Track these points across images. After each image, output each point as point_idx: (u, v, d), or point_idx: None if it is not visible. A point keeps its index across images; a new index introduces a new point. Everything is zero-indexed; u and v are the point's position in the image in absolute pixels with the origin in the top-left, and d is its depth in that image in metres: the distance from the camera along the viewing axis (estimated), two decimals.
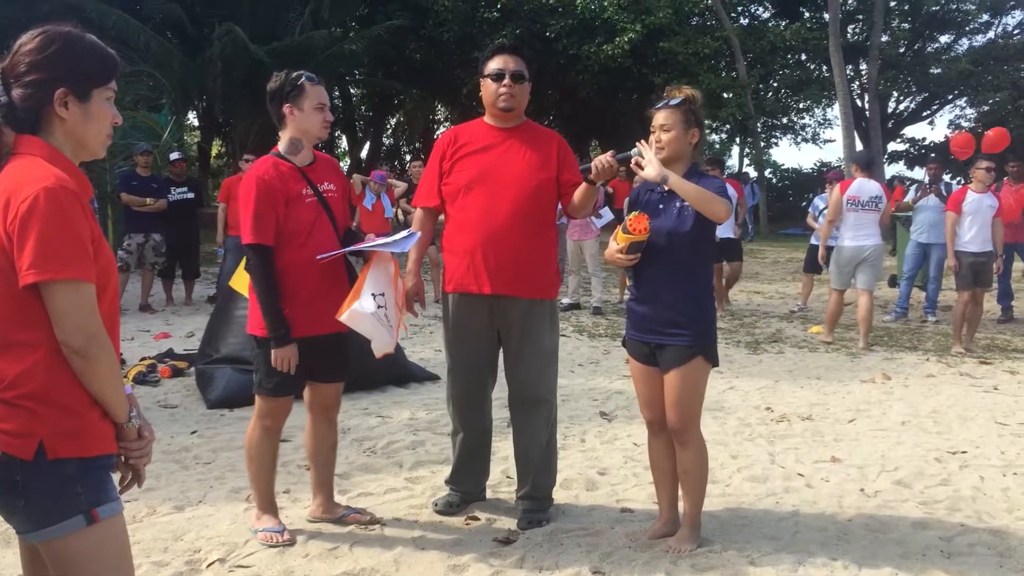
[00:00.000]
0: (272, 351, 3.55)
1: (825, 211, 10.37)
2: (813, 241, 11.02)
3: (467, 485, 4.16)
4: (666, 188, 3.53)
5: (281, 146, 3.71)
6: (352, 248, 3.68)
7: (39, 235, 1.79)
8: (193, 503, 4.18)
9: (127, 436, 1.96)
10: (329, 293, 3.61)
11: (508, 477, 4.58)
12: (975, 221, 8.48)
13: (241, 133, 20.30)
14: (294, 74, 3.66)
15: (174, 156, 11.31)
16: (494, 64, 3.83)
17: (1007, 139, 9.74)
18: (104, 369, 1.87)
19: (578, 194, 3.83)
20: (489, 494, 4.30)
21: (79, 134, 1.96)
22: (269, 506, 3.82)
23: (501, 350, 4.00)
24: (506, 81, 3.80)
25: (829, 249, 8.94)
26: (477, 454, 4.13)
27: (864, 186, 8.46)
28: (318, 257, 3.57)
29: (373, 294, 3.51)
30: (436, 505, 4.11)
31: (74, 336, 1.83)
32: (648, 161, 3.48)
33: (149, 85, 17.04)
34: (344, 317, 3.48)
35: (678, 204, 3.53)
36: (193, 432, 5.43)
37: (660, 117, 3.57)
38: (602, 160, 3.63)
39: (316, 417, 3.89)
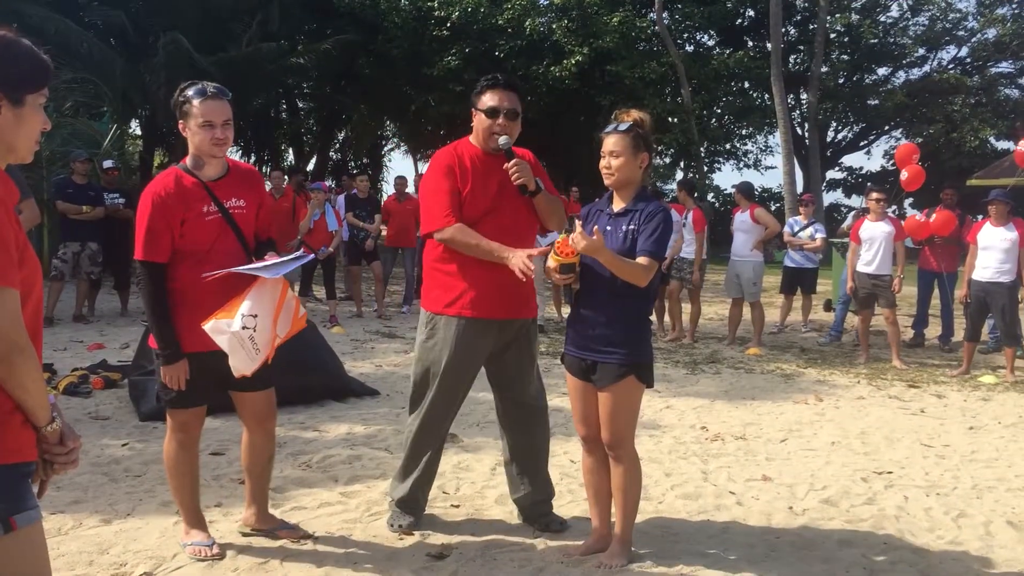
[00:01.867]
0: (160, 368, 3.52)
1: (800, 232, 10.85)
2: (787, 263, 11.36)
3: (420, 509, 4.18)
4: (614, 210, 3.62)
5: (188, 160, 3.65)
6: (236, 269, 3.49)
7: None
8: (121, 516, 4.10)
9: (49, 439, 1.93)
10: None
11: (444, 492, 4.58)
12: (871, 246, 9.22)
13: (184, 144, 19.99)
14: (187, 89, 3.56)
15: (107, 164, 11.15)
16: (489, 100, 3.85)
17: (922, 178, 10.28)
18: (27, 374, 1.85)
19: (539, 211, 3.98)
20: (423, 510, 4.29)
21: (10, 139, 1.93)
22: (196, 520, 3.76)
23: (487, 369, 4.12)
24: (500, 120, 3.84)
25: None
26: (432, 475, 4.18)
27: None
28: (203, 276, 3.45)
29: (244, 314, 3.37)
30: (401, 527, 4.02)
31: None
32: (577, 236, 3.43)
33: (90, 92, 16.75)
34: (207, 327, 3.37)
35: (624, 227, 3.58)
36: (124, 444, 5.34)
37: (609, 143, 3.60)
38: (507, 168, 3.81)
39: (251, 429, 3.82)
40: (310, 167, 31.17)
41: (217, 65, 17.62)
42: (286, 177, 11.42)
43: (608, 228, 3.63)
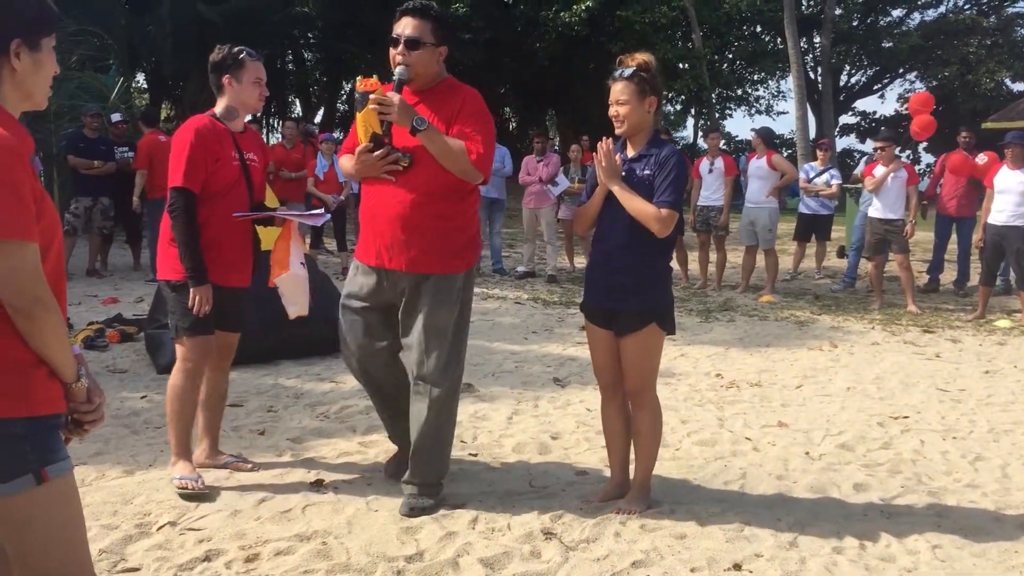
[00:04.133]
0: (191, 290, 3.77)
1: (816, 179, 10.76)
2: (802, 209, 11.27)
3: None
4: (628, 155, 3.59)
5: (218, 110, 3.99)
6: (269, 214, 4.00)
7: None
8: (143, 467, 4.15)
9: (76, 396, 1.94)
10: (235, 251, 3.92)
11: (462, 441, 4.61)
12: (883, 191, 9.19)
13: (191, 95, 19.91)
14: (235, 49, 3.96)
15: (116, 118, 11.07)
16: (395, 28, 3.59)
17: (932, 128, 10.19)
18: (50, 329, 1.84)
19: (431, 154, 3.53)
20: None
21: (28, 85, 1.91)
22: (185, 452, 3.93)
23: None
24: (401, 48, 3.56)
25: None
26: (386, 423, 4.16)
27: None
28: (234, 215, 3.85)
29: (301, 262, 3.82)
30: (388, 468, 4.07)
31: (18, 297, 1.80)
32: (600, 168, 3.55)
33: (96, 45, 16.59)
34: (280, 279, 3.80)
35: (639, 172, 3.55)
36: (143, 396, 5.38)
37: (615, 90, 3.57)
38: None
39: (211, 365, 4.06)
40: (318, 118, 30.99)
41: (222, 16, 17.45)
42: (297, 127, 11.38)
43: (623, 173, 3.60)
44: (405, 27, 3.57)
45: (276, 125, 31.28)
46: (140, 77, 23.58)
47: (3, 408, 1.80)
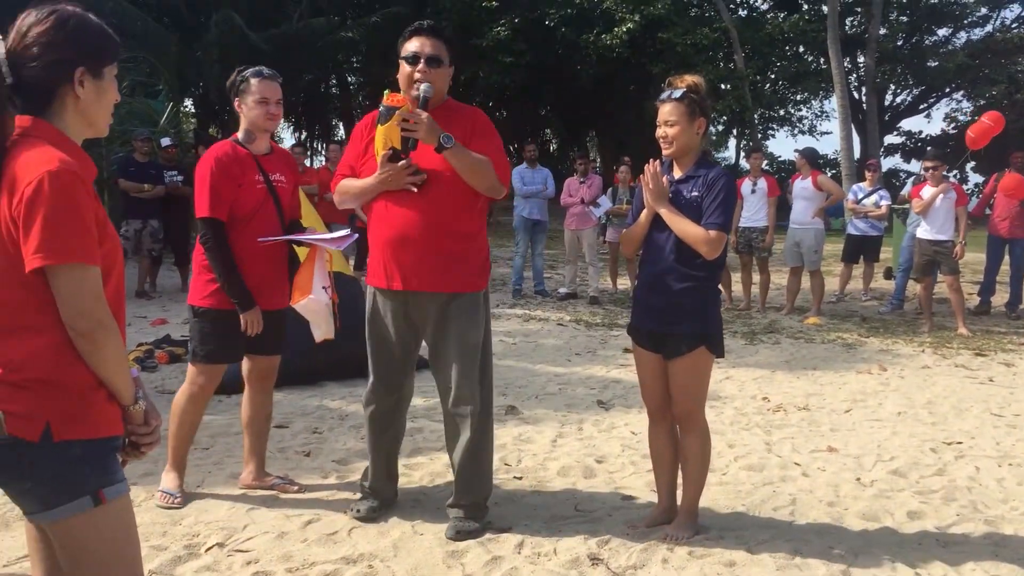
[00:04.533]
0: (241, 316, 3.83)
1: (864, 200, 10.67)
2: (851, 231, 11.18)
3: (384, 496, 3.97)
4: (675, 177, 3.57)
5: (240, 134, 4.02)
6: (292, 237, 3.97)
7: (44, 219, 1.78)
8: (191, 488, 4.18)
9: (134, 419, 1.97)
10: (269, 273, 3.93)
11: (506, 464, 4.60)
12: (932, 212, 9.05)
13: (237, 120, 20.24)
14: (245, 71, 3.94)
15: (165, 142, 11.29)
16: (410, 46, 3.57)
17: (989, 138, 10.06)
18: (110, 352, 1.87)
19: (458, 171, 3.50)
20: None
21: (91, 113, 1.96)
22: (176, 465, 4.04)
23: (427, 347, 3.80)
24: (421, 66, 3.54)
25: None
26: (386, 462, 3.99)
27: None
28: (259, 240, 3.85)
29: (324, 287, 3.80)
30: (358, 512, 3.83)
31: (80, 319, 1.84)
32: (647, 190, 3.55)
33: (146, 71, 16.98)
34: (299, 305, 3.78)
35: (687, 194, 3.54)
36: None
37: (664, 111, 3.54)
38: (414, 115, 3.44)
39: (252, 387, 4.15)
40: None
41: (269, 41, 17.74)
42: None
43: (671, 195, 3.58)
44: (424, 46, 3.56)
45: (321, 148, 31.68)
46: (188, 102, 24.04)
47: (64, 430, 1.83)
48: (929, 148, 18.25)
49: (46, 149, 1.85)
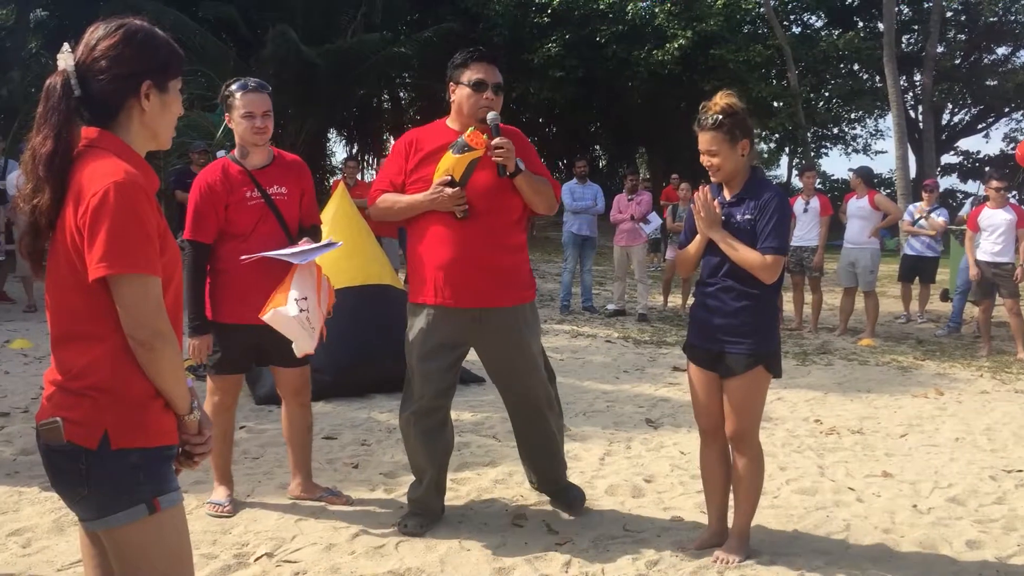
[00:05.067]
0: (188, 338, 3.77)
1: (921, 220, 10.50)
2: (907, 251, 11.06)
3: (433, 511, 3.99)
4: (726, 199, 3.53)
5: (236, 150, 4.01)
6: (270, 254, 3.77)
7: (109, 230, 1.81)
8: (241, 497, 4.22)
9: (188, 429, 1.98)
10: (268, 287, 3.77)
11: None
12: (992, 234, 8.87)
13: (292, 134, 20.54)
14: (231, 84, 3.94)
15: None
16: (475, 74, 3.68)
17: None
18: (168, 362, 1.89)
19: (522, 193, 3.71)
20: (536, 497, 4.29)
21: (155, 126, 1.99)
22: (222, 479, 4.10)
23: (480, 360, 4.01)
24: (488, 94, 3.67)
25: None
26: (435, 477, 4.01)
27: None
28: (241, 258, 3.77)
29: (296, 299, 3.65)
30: (405, 528, 3.83)
31: (140, 329, 1.86)
32: (698, 218, 3.53)
33: (204, 85, 17.29)
34: (267, 317, 3.67)
35: (739, 216, 3.49)
36: (241, 427, 5.49)
37: (703, 141, 3.47)
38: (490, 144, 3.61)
39: (287, 401, 4.16)
40: None
41: (323, 56, 17.98)
42: None
43: (723, 217, 3.53)
44: (490, 74, 3.70)
45: (372, 163, 32.00)
46: None
47: (121, 439, 1.86)
48: (988, 168, 17.83)
49: (112, 161, 1.88)
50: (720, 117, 3.42)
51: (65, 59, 1.91)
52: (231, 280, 3.84)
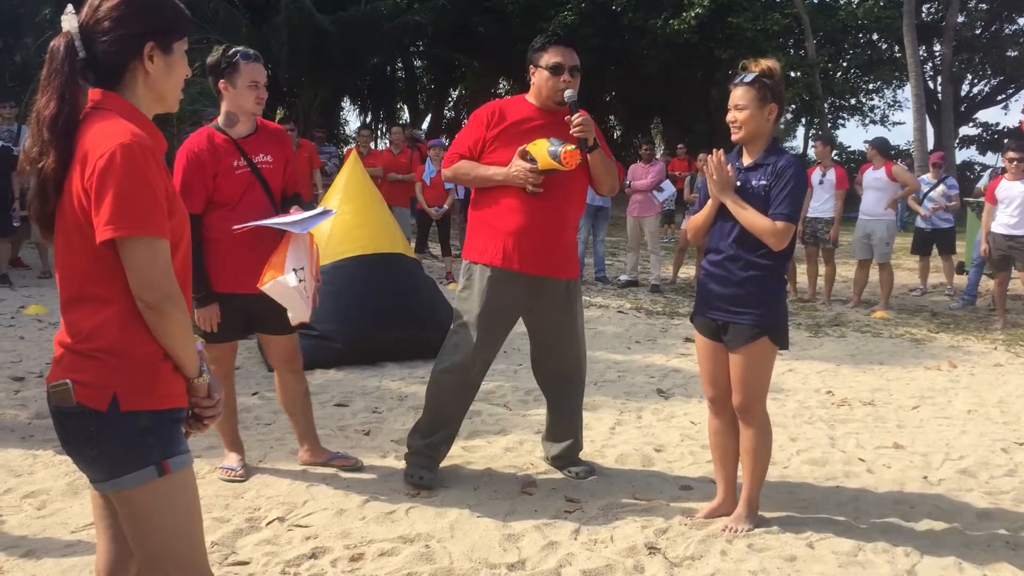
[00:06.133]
0: (195, 310, 3.78)
1: (931, 194, 10.41)
2: (919, 224, 10.98)
3: (437, 464, 4.12)
4: (744, 164, 3.50)
5: (220, 118, 3.94)
6: (262, 223, 3.73)
7: (116, 192, 1.80)
8: (253, 462, 4.25)
9: (198, 391, 1.99)
10: (258, 255, 3.76)
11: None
12: (1009, 206, 8.76)
13: (305, 102, 20.48)
14: (230, 51, 3.86)
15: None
16: (552, 58, 3.87)
17: None
18: (176, 324, 1.89)
19: (593, 170, 3.94)
20: (545, 465, 4.31)
21: (160, 87, 1.98)
22: (230, 445, 4.14)
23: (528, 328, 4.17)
24: (565, 76, 3.85)
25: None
26: (455, 430, 4.23)
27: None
28: (233, 228, 3.72)
29: (295, 268, 3.66)
30: (421, 480, 3.95)
31: (148, 292, 1.86)
32: (711, 180, 3.52)
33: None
34: (267, 287, 3.66)
35: (755, 182, 3.46)
36: (254, 393, 5.53)
37: (735, 95, 3.50)
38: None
39: (279, 370, 4.17)
40: (425, 124, 31.46)
41: (336, 24, 17.86)
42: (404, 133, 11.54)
43: (738, 183, 3.51)
44: (567, 57, 3.87)
45: (384, 131, 31.90)
46: None
47: (131, 401, 1.86)
48: (1007, 140, 17.62)
49: (118, 122, 1.87)
50: (757, 75, 3.45)
51: (69, 21, 1.90)
52: (221, 249, 3.81)
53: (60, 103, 1.86)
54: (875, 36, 28.58)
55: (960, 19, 28.05)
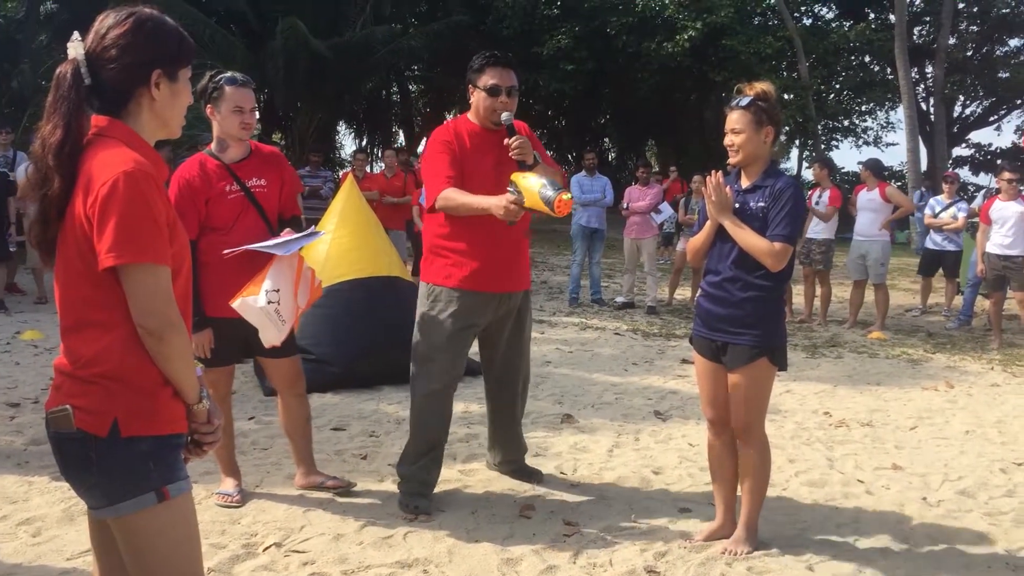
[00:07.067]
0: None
1: (942, 213, 10.47)
2: (928, 245, 11.03)
3: (431, 490, 4.15)
4: (742, 187, 3.53)
5: (212, 144, 3.98)
6: (253, 246, 3.72)
7: (118, 219, 1.81)
8: (250, 487, 4.23)
9: (198, 417, 1.99)
10: (250, 279, 3.71)
11: (561, 473, 4.57)
12: (1003, 226, 8.84)
13: (301, 126, 20.54)
14: (217, 76, 3.88)
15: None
16: (490, 79, 3.86)
17: None
18: (177, 351, 1.90)
19: None
20: (544, 488, 4.29)
21: (165, 114, 1.99)
22: (227, 470, 4.14)
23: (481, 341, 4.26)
24: (503, 98, 3.84)
25: None
26: (440, 456, 4.23)
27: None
28: (223, 252, 3.71)
29: (267, 290, 3.62)
30: (417, 509, 3.93)
31: (149, 318, 1.86)
32: (709, 202, 3.54)
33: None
34: (236, 304, 3.64)
35: (753, 204, 3.48)
36: (251, 418, 5.51)
37: (731, 119, 3.52)
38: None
39: (282, 393, 4.16)
40: (420, 147, 31.55)
41: (332, 49, 17.94)
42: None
43: (737, 205, 3.53)
44: (504, 78, 3.87)
45: (379, 154, 32.03)
46: None
47: (131, 427, 1.86)
48: (1001, 160, 17.68)
49: (121, 150, 1.88)
50: (752, 99, 3.48)
51: (75, 48, 1.91)
52: (214, 273, 3.80)
53: (66, 130, 1.87)
54: (867, 58, 28.81)
55: (951, 41, 28.27)
